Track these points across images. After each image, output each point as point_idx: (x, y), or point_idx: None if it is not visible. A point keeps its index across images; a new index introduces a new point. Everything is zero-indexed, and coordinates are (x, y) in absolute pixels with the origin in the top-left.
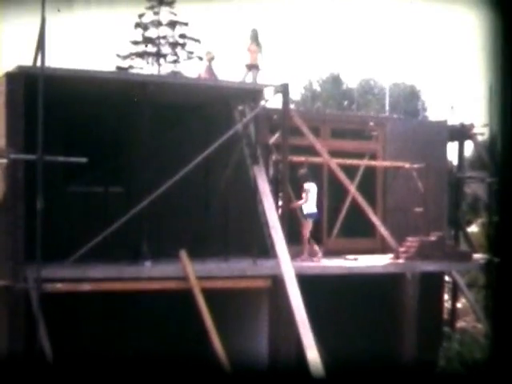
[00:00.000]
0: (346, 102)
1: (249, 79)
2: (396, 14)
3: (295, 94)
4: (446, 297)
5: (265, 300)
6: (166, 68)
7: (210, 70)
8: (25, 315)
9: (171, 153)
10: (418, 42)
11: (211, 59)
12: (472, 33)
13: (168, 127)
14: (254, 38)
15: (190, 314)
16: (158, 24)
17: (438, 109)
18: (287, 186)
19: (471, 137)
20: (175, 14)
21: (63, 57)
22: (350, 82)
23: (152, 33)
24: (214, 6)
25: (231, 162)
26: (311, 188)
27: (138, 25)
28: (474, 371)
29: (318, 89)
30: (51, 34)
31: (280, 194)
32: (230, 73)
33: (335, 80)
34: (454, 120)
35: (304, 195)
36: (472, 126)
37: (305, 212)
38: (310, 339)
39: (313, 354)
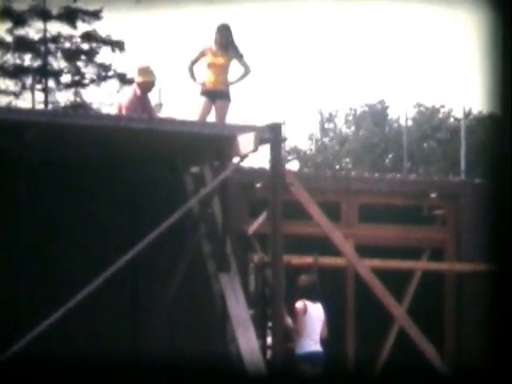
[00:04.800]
0: (390, 156)
1: (210, 117)
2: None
3: (302, 140)
4: None
5: None
6: (60, 96)
7: (143, 101)
8: None
9: (71, 248)
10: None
11: (149, 86)
12: None
13: (65, 201)
14: (223, 41)
15: None
16: (42, 14)
17: None
18: (282, 308)
19: None
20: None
21: None
22: (399, 116)
23: (31, 32)
24: None
25: (180, 267)
26: (311, 309)
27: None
28: None
29: (345, 129)
30: None
31: (269, 324)
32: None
33: (377, 114)
34: None
35: (293, 322)
36: None
37: (297, 352)
38: None
39: None
